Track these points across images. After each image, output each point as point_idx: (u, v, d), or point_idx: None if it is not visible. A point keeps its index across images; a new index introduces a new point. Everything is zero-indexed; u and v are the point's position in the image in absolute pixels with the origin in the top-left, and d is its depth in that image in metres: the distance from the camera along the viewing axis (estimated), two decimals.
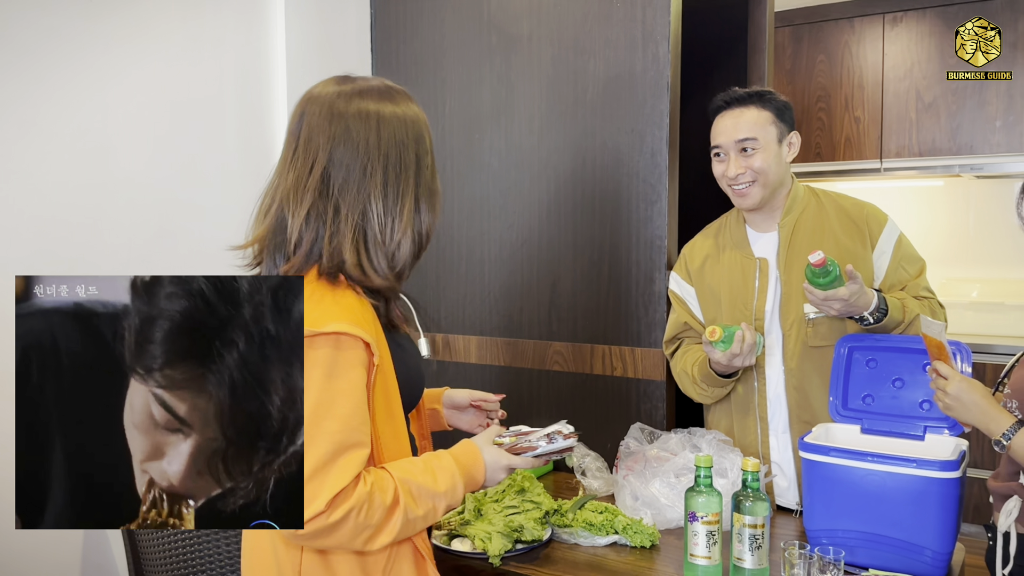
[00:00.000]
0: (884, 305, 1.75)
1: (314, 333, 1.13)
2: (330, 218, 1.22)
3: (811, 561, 1.45)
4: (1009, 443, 1.37)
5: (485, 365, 2.48)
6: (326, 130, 1.24)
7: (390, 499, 1.17)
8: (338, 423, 1.14)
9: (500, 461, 1.34)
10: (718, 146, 1.90)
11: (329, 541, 1.15)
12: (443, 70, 2.57)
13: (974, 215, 4.37)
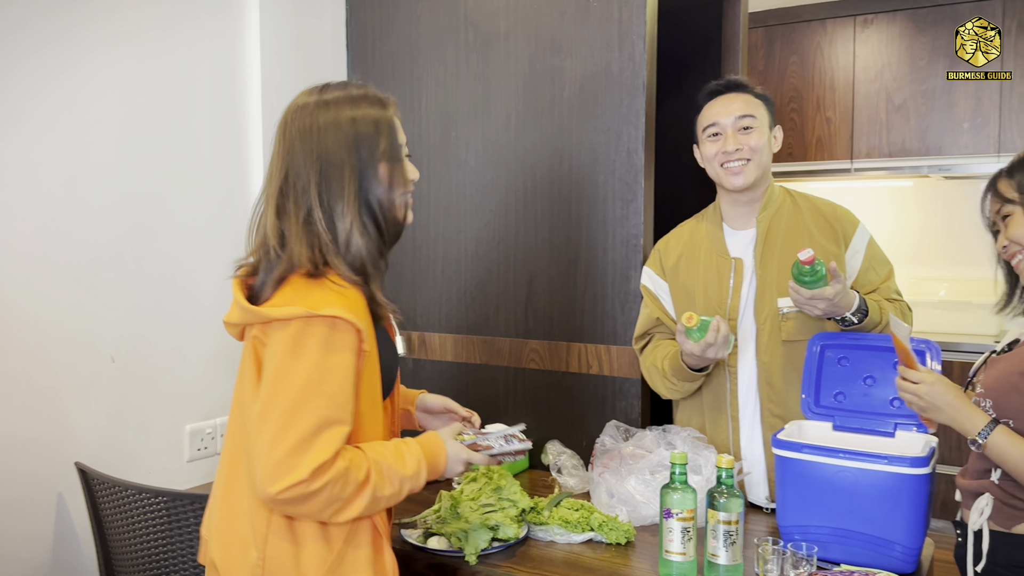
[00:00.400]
0: (864, 306, 1.78)
1: (312, 315, 1.23)
2: (289, 223, 1.32)
3: (784, 557, 1.47)
4: (985, 442, 1.39)
5: (461, 363, 2.48)
6: (281, 142, 1.37)
7: (363, 476, 1.25)
8: (326, 399, 1.23)
9: (460, 455, 1.44)
10: (715, 124, 1.91)
11: (303, 509, 1.23)
12: (419, 67, 2.56)
13: (942, 215, 4.45)
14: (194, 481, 2.24)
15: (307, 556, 1.29)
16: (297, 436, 1.20)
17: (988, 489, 1.46)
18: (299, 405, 1.21)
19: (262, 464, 1.20)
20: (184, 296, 2.23)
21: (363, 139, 1.35)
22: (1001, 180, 1.50)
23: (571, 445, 2.17)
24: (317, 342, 1.24)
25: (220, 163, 2.33)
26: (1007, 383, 1.40)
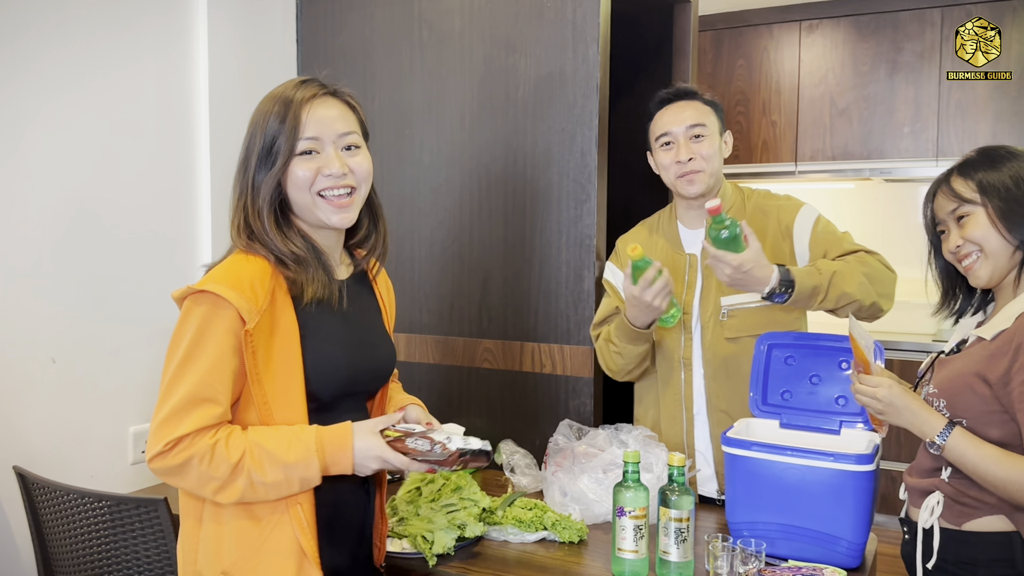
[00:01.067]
0: (788, 278, 1.74)
1: (195, 291, 1.26)
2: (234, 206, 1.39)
3: (734, 553, 1.50)
4: (944, 444, 1.41)
5: (415, 363, 2.46)
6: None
7: (236, 457, 1.24)
8: (196, 376, 1.24)
9: (373, 450, 1.29)
10: (667, 133, 1.93)
11: (182, 482, 1.26)
12: (372, 64, 2.54)
13: (882, 217, 4.57)
14: (139, 484, 2.19)
15: (225, 546, 1.30)
16: (168, 409, 1.23)
17: (938, 487, 1.49)
18: (173, 380, 1.24)
19: (149, 435, 1.26)
20: (128, 295, 2.18)
21: (265, 115, 1.38)
22: (956, 179, 1.49)
23: (524, 444, 2.18)
24: (194, 319, 1.26)
25: (167, 159, 2.27)
26: (961, 383, 1.43)
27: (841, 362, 1.78)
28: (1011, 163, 1.44)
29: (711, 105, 1.96)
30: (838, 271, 1.78)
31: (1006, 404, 1.37)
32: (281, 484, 1.26)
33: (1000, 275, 1.46)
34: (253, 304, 1.25)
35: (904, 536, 1.57)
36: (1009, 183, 1.42)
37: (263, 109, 1.39)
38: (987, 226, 1.43)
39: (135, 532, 1.63)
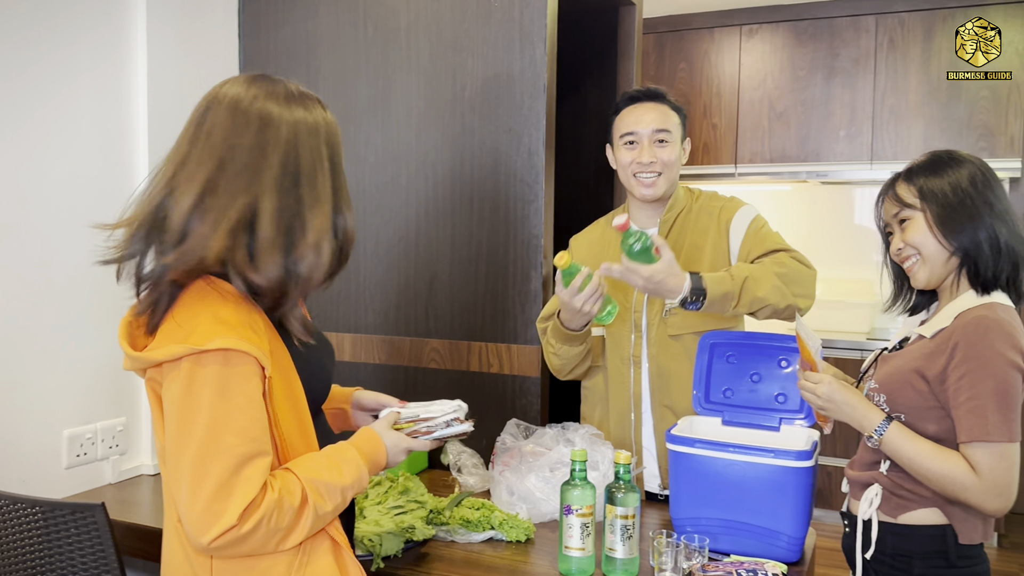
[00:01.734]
0: (700, 287, 1.74)
1: (202, 351, 1.12)
2: (222, 214, 1.17)
3: (678, 549, 1.52)
4: (881, 438, 1.45)
5: (360, 363, 2.44)
6: (230, 126, 1.21)
7: (298, 501, 1.17)
8: (237, 437, 1.13)
9: (400, 444, 1.36)
10: (633, 133, 1.94)
11: (242, 549, 1.15)
12: (316, 60, 2.51)
13: (819, 219, 4.70)
14: (74, 489, 2.12)
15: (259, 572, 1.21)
16: (216, 481, 1.11)
17: (877, 480, 1.53)
18: (210, 449, 1.12)
19: (187, 517, 1.12)
20: (60, 296, 2.11)
21: (329, 144, 1.26)
22: (900, 184, 1.53)
23: (471, 444, 2.18)
24: (212, 381, 1.13)
25: (102, 156, 2.21)
26: (901, 379, 1.48)
27: (780, 360, 1.83)
28: (953, 170, 1.48)
29: (677, 111, 1.98)
30: (750, 276, 1.79)
31: (942, 400, 1.42)
32: (337, 508, 1.24)
33: (938, 278, 1.50)
34: (263, 345, 1.18)
35: (845, 529, 1.61)
36: (947, 190, 1.46)
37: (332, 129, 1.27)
38: (925, 231, 1.48)
39: (71, 538, 1.58)
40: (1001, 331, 1.38)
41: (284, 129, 1.22)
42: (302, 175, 1.22)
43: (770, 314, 1.86)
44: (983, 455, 1.36)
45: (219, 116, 1.22)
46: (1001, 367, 1.37)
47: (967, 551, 1.45)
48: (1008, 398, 1.37)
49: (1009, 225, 1.46)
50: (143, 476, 2.24)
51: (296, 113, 1.24)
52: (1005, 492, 1.36)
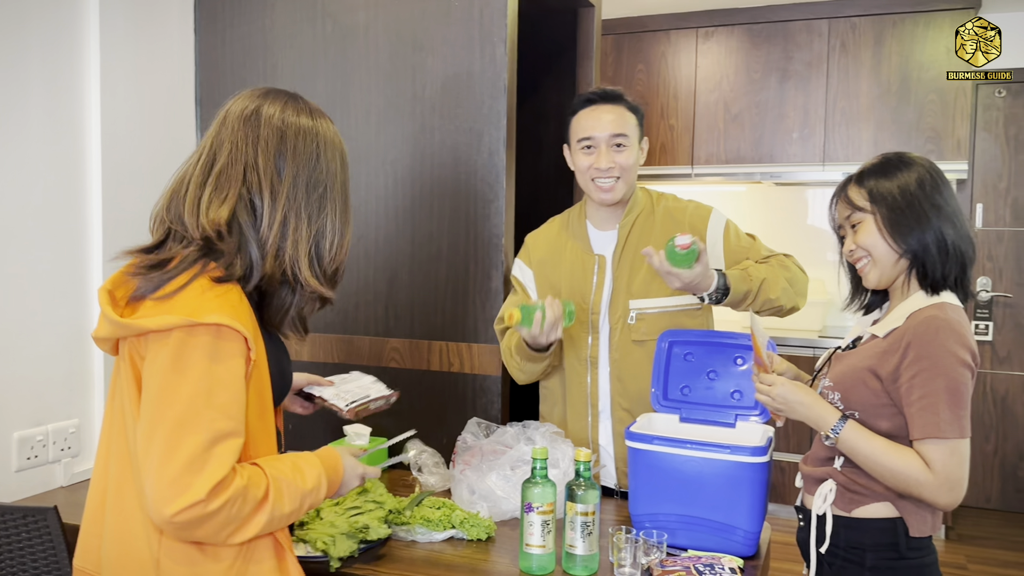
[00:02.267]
0: (725, 285, 1.83)
1: (195, 323, 1.15)
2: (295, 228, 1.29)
3: (636, 544, 1.55)
4: (837, 436, 1.48)
5: (318, 363, 2.42)
6: (260, 138, 1.29)
7: (261, 494, 1.19)
8: (217, 412, 1.15)
9: (356, 469, 1.43)
10: (590, 138, 1.95)
11: (199, 532, 1.15)
12: (274, 56, 2.48)
13: (773, 219, 4.79)
14: (24, 493, 2.07)
15: (204, 574, 1.21)
16: (189, 453, 1.12)
17: (831, 475, 1.56)
18: (188, 419, 1.13)
19: (153, 485, 1.11)
20: (9, 295, 2.05)
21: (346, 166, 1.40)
22: (852, 187, 1.56)
23: (432, 443, 2.18)
24: (202, 351, 1.15)
25: (53, 151, 2.16)
26: (855, 378, 1.51)
27: (736, 358, 1.87)
28: (902, 173, 1.51)
29: (634, 111, 1.99)
30: (767, 279, 1.87)
31: (895, 399, 1.46)
32: (294, 513, 1.25)
33: (888, 279, 1.54)
34: (252, 330, 1.22)
35: (799, 523, 1.65)
36: (896, 194, 1.50)
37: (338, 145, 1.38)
38: (875, 234, 1.52)
39: (22, 543, 1.55)
40: (952, 330, 1.42)
41: (338, 153, 1.37)
42: (346, 195, 1.38)
43: (772, 312, 1.94)
44: (936, 451, 1.40)
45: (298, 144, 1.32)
46: (952, 366, 1.41)
47: (917, 543, 1.49)
48: (958, 396, 1.41)
49: (957, 227, 1.50)
50: None
51: (332, 132, 1.38)
52: (957, 487, 1.40)
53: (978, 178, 4.50)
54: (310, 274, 1.30)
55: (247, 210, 1.27)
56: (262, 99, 1.33)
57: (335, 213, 1.34)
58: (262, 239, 1.27)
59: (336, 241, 1.34)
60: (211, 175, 1.27)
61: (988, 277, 4.52)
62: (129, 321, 1.18)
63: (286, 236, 1.28)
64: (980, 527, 4.31)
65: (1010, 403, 4.48)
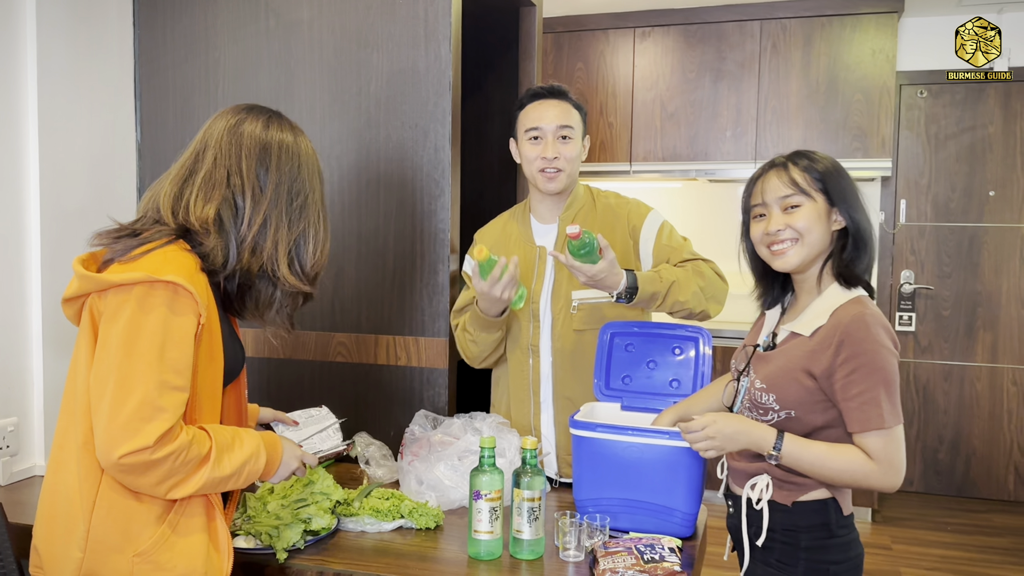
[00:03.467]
0: (634, 285, 1.88)
1: (155, 279, 1.26)
2: (276, 229, 1.43)
3: (580, 528, 1.61)
4: (780, 453, 1.51)
5: (264, 358, 2.42)
6: (243, 148, 1.43)
7: (204, 452, 1.29)
8: (168, 363, 1.25)
9: (295, 452, 1.52)
10: (538, 128, 2.01)
11: (142, 479, 1.24)
12: (216, 50, 2.47)
13: (707, 215, 4.92)
14: None
15: (136, 527, 1.29)
16: (140, 399, 1.21)
17: (766, 471, 1.59)
18: (141, 369, 1.22)
19: (104, 428, 1.20)
20: None
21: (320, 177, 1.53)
22: (795, 170, 1.56)
23: (379, 436, 2.20)
24: (161, 307, 1.26)
25: None
26: (789, 378, 1.54)
27: (674, 348, 1.95)
28: (837, 166, 1.58)
29: (578, 108, 2.06)
30: (677, 281, 1.92)
31: (830, 394, 1.51)
32: (233, 477, 1.34)
33: (806, 265, 1.58)
34: (203, 298, 1.32)
35: (729, 510, 1.70)
36: (842, 184, 1.55)
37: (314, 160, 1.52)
38: (816, 219, 1.54)
39: None
40: (879, 324, 1.49)
41: (316, 167, 1.50)
42: (324, 206, 1.52)
43: (685, 316, 2.01)
44: (878, 441, 1.46)
45: (279, 157, 1.45)
46: (885, 358, 1.47)
47: (844, 520, 1.57)
48: (893, 385, 1.48)
49: (868, 220, 1.58)
50: (36, 478, 2.16)
51: (310, 148, 1.52)
52: (900, 469, 1.47)
53: (901, 175, 4.70)
54: (288, 272, 1.44)
55: (230, 209, 1.40)
56: (246, 114, 1.46)
57: (318, 221, 1.48)
58: (241, 235, 1.40)
59: (318, 247, 1.48)
60: (198, 177, 1.41)
61: (911, 270, 4.73)
62: (97, 275, 1.28)
63: (266, 235, 1.42)
64: (903, 509, 4.52)
65: (931, 391, 4.71)
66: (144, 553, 1.29)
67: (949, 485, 4.72)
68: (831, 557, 1.55)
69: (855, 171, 4.30)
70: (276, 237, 1.43)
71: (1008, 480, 4.63)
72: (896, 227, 4.71)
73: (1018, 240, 4.58)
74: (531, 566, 1.58)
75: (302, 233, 1.46)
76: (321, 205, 1.50)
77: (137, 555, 1.29)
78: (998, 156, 4.57)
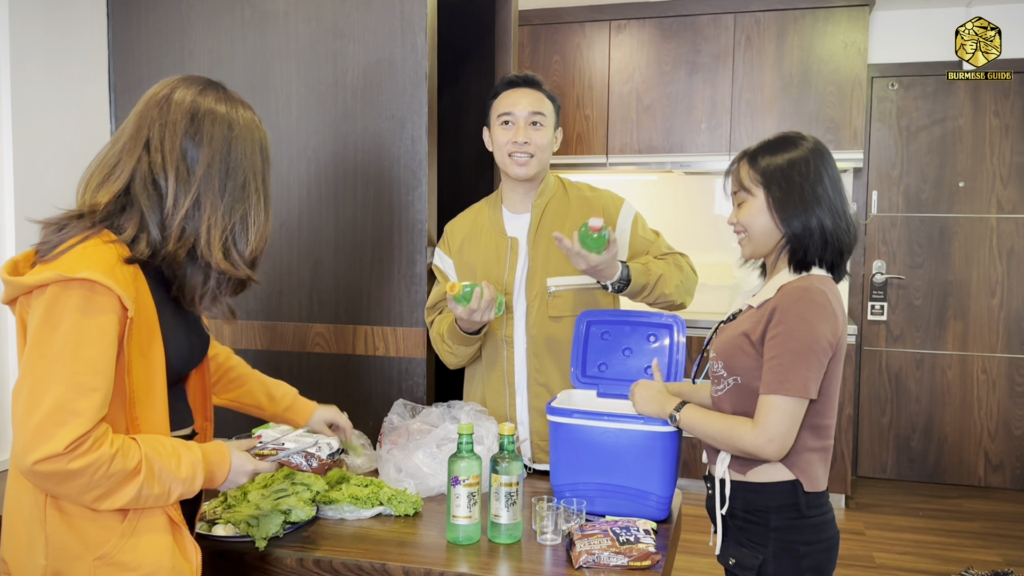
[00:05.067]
0: (627, 276, 1.93)
1: (68, 278, 1.19)
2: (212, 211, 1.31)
3: (558, 512, 1.63)
4: (679, 416, 1.64)
5: (241, 350, 2.41)
6: (168, 121, 1.31)
7: (131, 467, 1.22)
8: (82, 365, 1.19)
9: (245, 466, 1.42)
10: (510, 113, 2.04)
11: (63, 488, 1.19)
12: (191, 41, 2.46)
13: (682, 207, 4.96)
14: None
15: (93, 531, 1.26)
16: (52, 403, 1.16)
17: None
18: (55, 371, 1.17)
19: (18, 433, 1.16)
20: None
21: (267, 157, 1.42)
22: (743, 166, 1.63)
23: (359, 426, 2.21)
24: (74, 306, 1.19)
25: None
26: (733, 345, 1.62)
27: (649, 336, 1.98)
28: (791, 158, 1.60)
29: (551, 99, 2.09)
30: (663, 275, 2.00)
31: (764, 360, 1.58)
32: (161, 496, 1.27)
33: (759, 255, 1.67)
34: (129, 290, 1.24)
35: (708, 492, 1.74)
36: (783, 180, 1.58)
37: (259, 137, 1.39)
38: (757, 214, 1.61)
39: None
40: (811, 300, 1.53)
41: (257, 142, 1.37)
42: (268, 185, 1.40)
43: (665, 306, 2.07)
44: (770, 406, 1.51)
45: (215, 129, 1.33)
46: (804, 331, 1.51)
47: (816, 500, 1.61)
48: (806, 358, 1.51)
49: (838, 217, 1.59)
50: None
51: (251, 120, 1.38)
52: (778, 440, 1.51)
53: (873, 166, 4.77)
54: (222, 257, 1.32)
55: (147, 190, 1.29)
56: (177, 84, 1.34)
57: (259, 202, 1.36)
58: (166, 219, 1.29)
59: (258, 231, 1.36)
60: (109, 157, 1.31)
61: (883, 260, 4.80)
62: (14, 279, 1.22)
63: (198, 219, 1.30)
64: (877, 495, 4.60)
65: (903, 379, 4.78)
66: (105, 556, 1.25)
67: (921, 471, 4.80)
68: (801, 537, 1.59)
69: None
70: (210, 222, 1.31)
71: (978, 466, 4.72)
72: (868, 218, 4.78)
73: (987, 230, 4.66)
74: (509, 550, 1.60)
75: (243, 216, 1.34)
76: (262, 184, 1.38)
77: (98, 559, 1.25)
78: (968, 148, 4.64)
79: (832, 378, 1.58)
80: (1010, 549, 3.84)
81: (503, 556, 1.58)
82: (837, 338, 1.56)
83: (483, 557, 1.57)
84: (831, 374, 1.57)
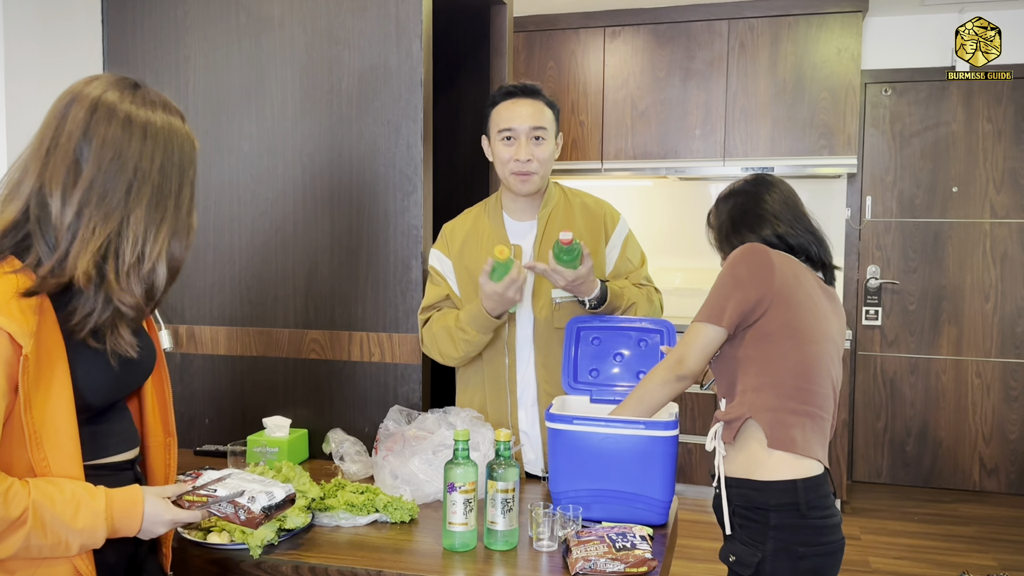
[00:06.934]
0: (604, 295, 1.96)
1: None
2: (87, 224, 1.16)
3: (554, 519, 1.63)
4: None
5: (236, 356, 2.41)
6: (96, 130, 1.18)
7: (16, 514, 1.12)
8: None
9: (163, 516, 1.26)
10: (511, 129, 2.01)
11: None
12: (186, 47, 2.46)
13: (677, 212, 4.97)
14: None
15: None
16: None
17: (717, 418, 1.77)
18: None
19: None
20: None
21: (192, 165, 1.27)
22: (714, 207, 1.94)
23: (354, 432, 2.21)
24: None
25: None
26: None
27: (640, 342, 1.98)
28: (733, 200, 1.91)
29: (551, 106, 2.06)
30: (636, 304, 2.05)
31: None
32: (58, 547, 1.16)
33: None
34: (25, 326, 1.12)
35: (715, 491, 1.76)
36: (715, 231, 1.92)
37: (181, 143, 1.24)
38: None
39: None
40: (743, 250, 1.73)
41: (163, 146, 1.21)
42: (168, 192, 1.22)
43: None
44: (687, 331, 1.73)
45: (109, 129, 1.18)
46: (726, 271, 1.73)
47: (816, 503, 1.62)
48: (721, 290, 1.70)
49: (789, 226, 1.80)
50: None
51: (164, 123, 1.22)
52: (681, 357, 1.71)
53: (867, 172, 4.78)
54: (94, 272, 1.17)
55: (39, 204, 1.15)
56: (88, 82, 1.20)
57: (152, 214, 1.19)
58: (55, 236, 1.16)
59: (140, 243, 1.19)
60: (12, 168, 1.18)
61: (877, 265, 4.81)
62: None
63: (76, 233, 1.15)
64: (872, 500, 4.60)
65: (898, 384, 4.79)
66: None
67: (916, 476, 4.81)
68: (800, 538, 1.59)
69: (821, 168, 4.38)
70: (86, 234, 1.15)
71: (973, 471, 4.73)
72: (862, 223, 4.79)
73: (981, 235, 4.68)
74: (505, 557, 1.59)
75: (119, 227, 1.17)
76: (159, 194, 1.19)
77: None
78: (961, 153, 4.66)
79: (792, 331, 1.67)
80: (1005, 553, 3.85)
81: (499, 563, 1.57)
82: (771, 280, 1.68)
83: (479, 564, 1.57)
84: (789, 325, 1.67)
